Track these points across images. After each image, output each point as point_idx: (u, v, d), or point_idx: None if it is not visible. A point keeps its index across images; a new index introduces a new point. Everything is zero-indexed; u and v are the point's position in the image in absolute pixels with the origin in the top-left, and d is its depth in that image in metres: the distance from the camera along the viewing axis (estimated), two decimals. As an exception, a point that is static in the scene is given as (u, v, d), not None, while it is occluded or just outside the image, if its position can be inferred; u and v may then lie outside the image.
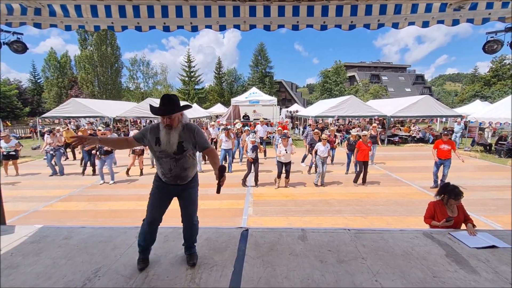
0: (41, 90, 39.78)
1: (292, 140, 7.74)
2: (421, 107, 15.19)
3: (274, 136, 13.18)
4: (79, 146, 8.30)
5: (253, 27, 3.34)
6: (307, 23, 3.29)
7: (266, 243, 2.85)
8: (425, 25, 3.27)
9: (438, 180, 6.83)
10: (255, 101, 15.90)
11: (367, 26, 3.30)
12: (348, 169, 8.51)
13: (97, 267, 2.44)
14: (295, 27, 3.33)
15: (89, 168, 8.66)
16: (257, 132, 10.78)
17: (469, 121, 13.63)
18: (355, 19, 3.22)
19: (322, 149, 6.98)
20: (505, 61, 37.37)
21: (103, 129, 9.08)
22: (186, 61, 41.44)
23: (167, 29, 3.33)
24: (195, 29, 3.34)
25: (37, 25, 3.26)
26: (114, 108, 17.92)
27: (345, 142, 8.66)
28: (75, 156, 11.59)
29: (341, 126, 18.49)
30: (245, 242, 2.89)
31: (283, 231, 3.15)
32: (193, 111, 21.41)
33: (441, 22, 3.25)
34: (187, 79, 41.51)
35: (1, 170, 8.14)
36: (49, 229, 3.22)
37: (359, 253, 2.65)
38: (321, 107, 17.90)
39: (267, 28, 3.34)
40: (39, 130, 17.04)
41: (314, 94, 50.59)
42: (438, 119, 16.97)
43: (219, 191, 2.26)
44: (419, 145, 14.88)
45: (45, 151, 8.65)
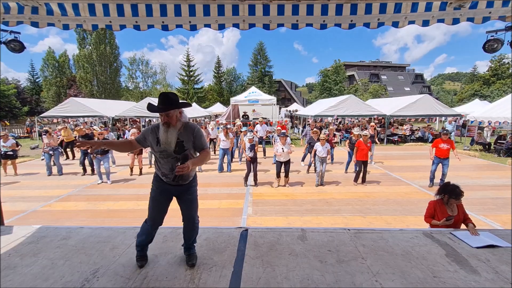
0: (40, 89, 39.59)
1: (290, 139, 7.73)
2: (420, 106, 15.20)
3: (273, 135, 13.17)
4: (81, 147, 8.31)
5: (252, 26, 3.32)
6: (306, 22, 3.27)
7: (265, 243, 2.84)
8: (425, 24, 3.25)
9: (434, 179, 6.88)
10: (255, 101, 15.88)
11: (367, 25, 3.28)
12: (347, 168, 8.51)
13: (95, 268, 2.42)
14: (295, 26, 3.31)
15: (88, 167, 8.63)
16: (257, 131, 10.77)
17: (468, 120, 13.64)
18: (355, 18, 3.20)
19: (320, 149, 6.97)
20: (504, 60, 37.43)
21: (101, 129, 9.07)
22: (185, 60, 41.36)
23: (165, 28, 3.30)
24: (194, 28, 3.31)
25: (35, 24, 3.22)
26: (113, 107, 17.89)
27: (347, 141, 8.66)
28: (74, 155, 11.54)
29: (341, 125, 18.50)
30: (245, 242, 2.87)
31: (283, 231, 3.14)
32: (192, 110, 21.38)
33: (441, 21, 3.24)
34: (186, 78, 41.43)
35: (0, 169, 8.11)
36: (47, 230, 3.20)
37: (359, 253, 2.64)
38: (321, 107, 17.90)
39: (267, 27, 3.32)
40: (38, 130, 16.99)
41: (313, 93, 50.55)
42: (437, 118, 16.99)
43: (174, 178, 2.20)
44: (419, 144, 14.89)
45: (43, 152, 8.63)
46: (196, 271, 2.37)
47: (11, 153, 8.33)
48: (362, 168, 7.15)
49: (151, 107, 2.28)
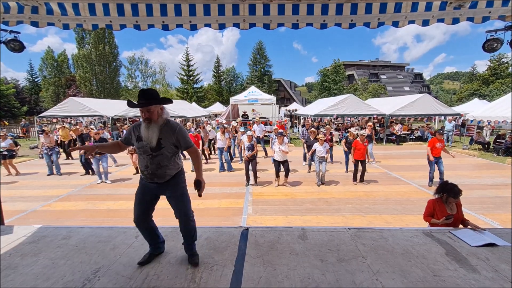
0: (39, 89, 39.48)
1: (288, 139, 7.74)
2: (420, 106, 15.21)
3: (271, 135, 13.17)
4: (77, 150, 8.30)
5: (252, 25, 3.32)
6: (307, 22, 3.27)
7: (266, 242, 2.85)
8: (425, 23, 3.26)
9: (434, 178, 6.93)
10: (254, 100, 15.86)
11: (367, 24, 3.29)
12: (347, 168, 8.53)
13: (96, 267, 2.43)
14: (295, 26, 3.31)
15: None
16: (254, 131, 10.76)
17: (467, 120, 13.67)
18: (355, 18, 3.21)
19: (319, 149, 6.98)
20: (503, 60, 37.52)
21: (97, 129, 9.08)
22: (184, 60, 41.31)
23: (166, 27, 3.30)
24: (194, 28, 3.31)
25: (34, 24, 3.21)
26: (112, 107, 17.85)
27: (343, 140, 8.68)
28: (70, 155, 11.48)
29: (340, 124, 18.50)
30: (245, 241, 2.88)
31: (283, 230, 3.14)
32: (191, 110, 21.37)
33: (441, 20, 3.24)
34: (185, 78, 41.37)
35: (0, 169, 8.09)
36: (47, 229, 3.20)
37: (359, 252, 2.65)
38: (320, 106, 17.90)
39: (267, 26, 3.32)
40: (37, 129, 16.95)
41: (313, 92, 50.63)
42: (436, 117, 17.01)
43: (200, 196, 2.45)
44: (418, 144, 14.92)
45: (41, 152, 8.63)
46: (197, 270, 2.37)
47: (6, 153, 8.32)
48: (358, 167, 7.17)
49: (131, 104, 2.26)
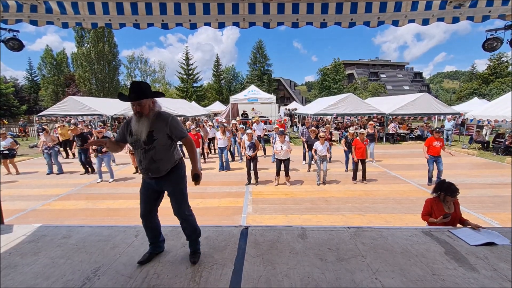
0: (38, 88, 39.41)
1: (289, 138, 7.74)
2: (420, 105, 15.22)
3: (271, 134, 13.16)
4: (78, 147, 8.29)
5: (252, 24, 3.31)
6: (307, 21, 3.27)
7: (266, 241, 2.85)
8: (425, 22, 3.26)
9: (433, 177, 6.92)
10: (254, 99, 15.86)
11: (367, 23, 3.28)
12: (347, 167, 8.53)
13: (96, 267, 2.43)
14: (295, 25, 3.31)
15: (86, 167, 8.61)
16: (254, 130, 10.74)
17: (467, 119, 13.68)
18: (355, 17, 3.20)
19: (320, 148, 6.99)
20: (503, 59, 37.52)
21: (99, 127, 9.06)
22: (184, 59, 41.24)
23: (165, 26, 3.30)
24: (193, 27, 3.30)
25: (34, 23, 3.21)
26: (112, 106, 17.82)
27: (343, 140, 8.69)
28: (69, 154, 11.47)
29: (340, 124, 18.50)
30: (245, 240, 2.88)
31: (283, 229, 3.15)
32: (191, 109, 21.34)
33: (441, 19, 3.24)
34: (185, 77, 41.32)
35: (0, 168, 8.09)
36: (47, 228, 3.20)
37: (358, 251, 2.65)
38: (320, 105, 17.90)
39: (267, 25, 3.31)
40: (37, 128, 16.93)
41: (312, 92, 50.62)
42: (436, 116, 17.02)
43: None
44: (418, 143, 14.93)
45: (42, 150, 8.61)
46: (197, 269, 2.37)
47: (6, 152, 8.31)
48: (358, 166, 7.18)
49: (122, 96, 2.24)
